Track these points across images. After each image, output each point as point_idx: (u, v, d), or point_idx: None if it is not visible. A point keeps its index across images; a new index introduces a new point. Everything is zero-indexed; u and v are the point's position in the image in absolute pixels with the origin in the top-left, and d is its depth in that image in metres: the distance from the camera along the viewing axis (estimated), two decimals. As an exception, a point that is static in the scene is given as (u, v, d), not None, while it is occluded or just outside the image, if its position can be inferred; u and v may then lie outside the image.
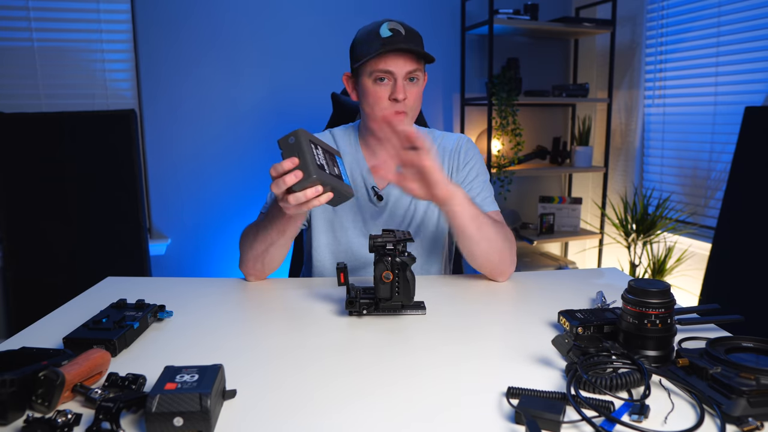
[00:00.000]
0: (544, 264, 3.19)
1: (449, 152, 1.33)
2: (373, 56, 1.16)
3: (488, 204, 1.30)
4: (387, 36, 1.15)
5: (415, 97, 1.21)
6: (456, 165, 1.32)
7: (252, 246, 1.18)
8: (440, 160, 1.32)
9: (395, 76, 1.17)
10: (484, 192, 1.31)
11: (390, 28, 1.17)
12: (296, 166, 0.92)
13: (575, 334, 0.84)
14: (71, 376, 0.69)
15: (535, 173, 3.22)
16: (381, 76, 1.18)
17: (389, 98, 1.18)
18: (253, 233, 1.19)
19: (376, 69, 1.17)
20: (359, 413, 0.68)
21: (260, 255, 1.18)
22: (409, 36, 1.17)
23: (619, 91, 3.05)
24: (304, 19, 2.77)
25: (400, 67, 1.16)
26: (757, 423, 0.61)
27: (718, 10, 2.41)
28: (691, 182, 2.63)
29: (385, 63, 1.16)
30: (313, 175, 0.91)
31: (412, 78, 1.19)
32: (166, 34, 2.62)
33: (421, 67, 1.21)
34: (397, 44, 1.15)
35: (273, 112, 2.80)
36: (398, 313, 1.01)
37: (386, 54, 1.16)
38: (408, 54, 1.17)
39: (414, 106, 1.22)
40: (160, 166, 2.72)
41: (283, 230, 1.12)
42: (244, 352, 0.86)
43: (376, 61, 1.17)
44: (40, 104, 2.52)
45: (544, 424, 0.62)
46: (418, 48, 1.17)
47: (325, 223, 1.32)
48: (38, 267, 2.32)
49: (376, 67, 1.17)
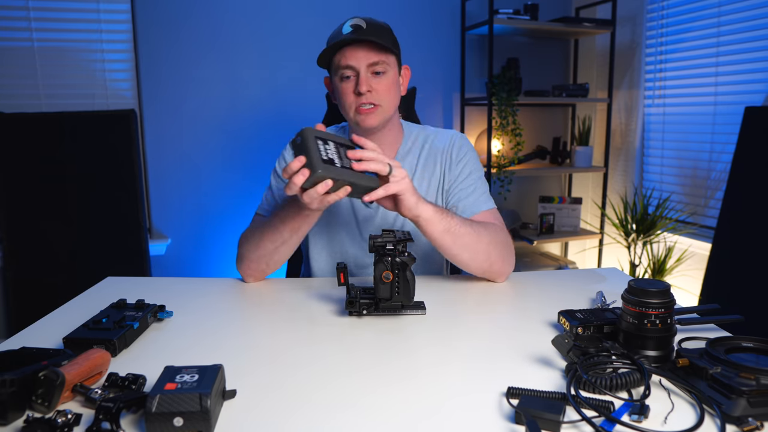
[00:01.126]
0: (544, 264, 3.19)
1: (441, 151, 1.31)
2: (334, 53, 1.17)
3: (482, 202, 1.27)
4: (347, 32, 1.14)
5: (385, 89, 1.18)
6: (448, 163, 1.30)
7: (258, 246, 1.17)
8: (432, 161, 1.30)
9: (357, 70, 1.16)
10: (478, 190, 1.28)
11: (351, 24, 1.16)
12: (303, 164, 0.93)
13: (575, 334, 0.84)
14: (71, 376, 0.69)
15: (535, 173, 3.22)
16: (345, 73, 1.17)
17: (354, 92, 1.17)
18: (258, 233, 1.18)
19: (339, 66, 1.17)
20: (359, 413, 0.68)
21: (268, 254, 1.17)
22: (370, 30, 1.15)
23: (619, 91, 3.05)
24: (304, 19, 2.77)
25: (360, 60, 1.15)
26: (757, 423, 0.61)
27: (718, 10, 2.41)
28: (691, 182, 2.63)
29: (345, 58, 1.15)
30: (318, 171, 0.91)
31: (378, 71, 1.17)
32: (166, 34, 2.62)
33: (387, 60, 1.18)
34: (355, 39, 1.13)
35: (273, 111, 2.80)
36: (398, 313, 1.01)
37: (345, 48, 1.15)
38: (367, 46, 1.15)
39: (385, 98, 1.19)
40: (160, 166, 2.72)
41: (298, 228, 1.13)
42: (244, 352, 0.86)
43: (338, 58, 1.17)
44: (40, 104, 2.52)
45: (544, 424, 0.62)
46: (378, 39, 1.14)
47: (320, 227, 1.31)
48: (38, 267, 2.32)
49: (338, 63, 1.17)
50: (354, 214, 1.30)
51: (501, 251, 1.17)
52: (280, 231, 1.14)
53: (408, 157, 1.31)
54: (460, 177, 1.29)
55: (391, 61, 1.20)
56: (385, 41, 1.16)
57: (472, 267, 1.16)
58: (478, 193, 1.27)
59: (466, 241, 1.11)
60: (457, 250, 1.11)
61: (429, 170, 1.30)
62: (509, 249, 1.20)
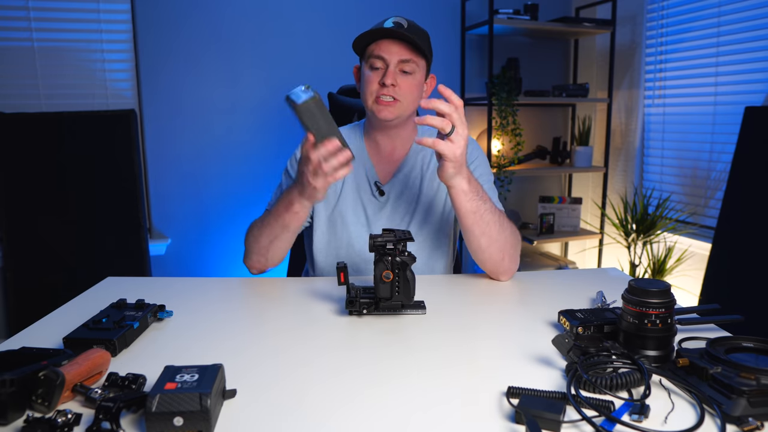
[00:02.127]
0: (544, 264, 3.19)
1: None
2: (369, 41, 1.20)
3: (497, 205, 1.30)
4: (388, 27, 1.18)
5: (408, 87, 1.21)
6: None
7: (257, 240, 1.22)
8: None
9: (387, 62, 1.19)
10: (491, 193, 1.31)
11: (394, 21, 1.20)
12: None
13: (575, 334, 0.84)
14: (71, 376, 0.69)
15: (535, 173, 3.22)
16: (376, 64, 1.20)
17: (378, 83, 1.20)
18: (258, 227, 1.23)
19: (371, 54, 1.21)
20: (359, 413, 0.68)
21: (264, 248, 1.22)
22: (410, 29, 1.19)
23: (619, 91, 3.05)
24: (304, 19, 2.77)
25: (393, 54, 1.18)
26: (757, 423, 0.61)
27: (718, 10, 2.41)
28: (691, 182, 2.63)
29: (378, 48, 1.19)
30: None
31: (406, 70, 1.20)
32: (166, 34, 2.62)
33: (418, 62, 1.21)
34: (394, 34, 1.17)
35: (273, 111, 2.80)
36: (398, 313, 1.01)
37: (380, 40, 1.19)
38: (401, 42, 1.18)
39: (407, 96, 1.21)
40: (160, 166, 2.72)
41: (287, 225, 1.16)
42: (244, 352, 0.86)
43: (372, 47, 1.20)
44: (40, 104, 2.52)
45: (544, 423, 0.62)
46: (414, 38, 1.17)
47: (325, 221, 1.32)
48: (38, 267, 2.32)
49: (371, 52, 1.21)
50: (363, 207, 1.31)
51: (514, 249, 1.20)
52: (272, 227, 1.19)
53: (420, 155, 1.34)
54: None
55: (421, 65, 1.23)
56: (422, 43, 1.19)
57: (485, 255, 1.17)
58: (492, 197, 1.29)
59: (489, 228, 1.12)
60: (478, 233, 1.12)
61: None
62: (518, 250, 1.23)
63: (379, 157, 1.33)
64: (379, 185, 1.31)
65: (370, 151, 1.34)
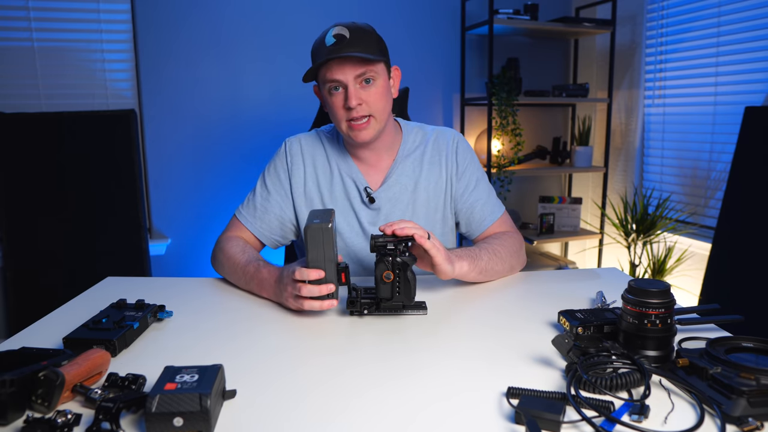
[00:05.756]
0: (544, 264, 3.19)
1: (444, 155, 1.31)
2: (319, 67, 1.14)
3: (496, 209, 1.31)
4: (331, 44, 1.11)
5: (375, 98, 1.16)
6: (455, 170, 1.30)
7: (229, 276, 1.21)
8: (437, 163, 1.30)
9: (344, 84, 1.13)
10: (489, 197, 1.32)
11: (334, 34, 1.12)
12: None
13: (575, 334, 0.84)
14: (71, 376, 0.69)
15: (535, 173, 3.22)
16: (333, 86, 1.15)
17: (344, 107, 1.15)
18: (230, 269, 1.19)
19: (326, 80, 1.15)
20: (359, 413, 0.68)
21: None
22: (353, 39, 1.11)
23: (619, 91, 3.05)
24: (303, 18, 2.76)
25: (346, 74, 1.12)
26: (757, 423, 0.61)
27: (718, 10, 2.41)
28: (691, 182, 2.63)
29: (331, 72, 1.13)
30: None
31: (367, 80, 1.14)
32: (166, 34, 2.62)
33: (375, 68, 1.15)
34: (339, 52, 1.10)
35: (273, 111, 2.80)
36: (399, 313, 1.01)
37: (330, 63, 1.12)
38: (352, 59, 1.12)
39: (377, 107, 1.17)
40: (160, 166, 2.72)
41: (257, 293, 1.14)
42: (244, 352, 0.86)
43: (324, 72, 1.14)
44: (40, 104, 2.52)
45: (544, 424, 0.62)
46: (362, 52, 1.10)
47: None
48: (38, 267, 2.32)
49: (325, 77, 1.15)
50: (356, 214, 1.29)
51: (518, 257, 1.26)
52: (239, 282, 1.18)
53: (410, 158, 1.31)
54: (468, 187, 1.31)
55: (379, 68, 1.17)
56: (371, 50, 1.13)
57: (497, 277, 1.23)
58: (490, 201, 1.32)
59: (496, 269, 1.19)
60: (488, 279, 1.20)
61: (435, 173, 1.30)
62: (523, 248, 1.26)
63: (367, 166, 1.29)
64: (369, 192, 1.27)
65: (356, 160, 1.30)
